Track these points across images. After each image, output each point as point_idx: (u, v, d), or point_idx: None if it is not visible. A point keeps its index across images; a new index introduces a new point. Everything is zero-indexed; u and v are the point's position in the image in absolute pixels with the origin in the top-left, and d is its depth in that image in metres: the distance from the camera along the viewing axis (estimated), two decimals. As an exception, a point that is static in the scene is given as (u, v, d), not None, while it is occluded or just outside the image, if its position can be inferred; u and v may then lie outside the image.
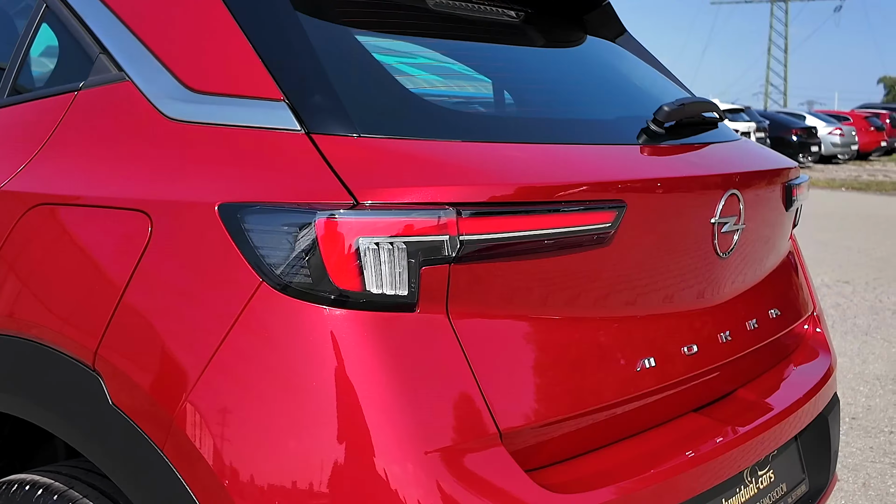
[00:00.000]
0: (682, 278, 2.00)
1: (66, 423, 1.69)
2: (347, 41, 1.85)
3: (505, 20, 2.34)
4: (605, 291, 1.82)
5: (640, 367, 1.86)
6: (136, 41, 1.85)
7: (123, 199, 1.69)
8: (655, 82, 2.64)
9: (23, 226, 1.80)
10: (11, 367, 1.81)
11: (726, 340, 2.12)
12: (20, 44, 2.05)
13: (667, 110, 2.09)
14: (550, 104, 2.20)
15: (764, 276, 2.39)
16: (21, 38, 2.06)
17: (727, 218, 2.08)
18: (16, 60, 2.04)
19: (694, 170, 2.04)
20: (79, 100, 1.88)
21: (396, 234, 1.53)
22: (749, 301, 2.28)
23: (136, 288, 1.63)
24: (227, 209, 1.57)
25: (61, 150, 1.85)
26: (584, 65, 2.48)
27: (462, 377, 1.58)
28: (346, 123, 1.64)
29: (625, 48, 2.72)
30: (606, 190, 1.77)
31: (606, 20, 2.69)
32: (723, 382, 2.19)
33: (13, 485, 1.82)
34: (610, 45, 2.65)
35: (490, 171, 1.67)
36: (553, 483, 1.66)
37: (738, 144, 2.48)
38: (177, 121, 1.73)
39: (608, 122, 2.19)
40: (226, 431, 1.52)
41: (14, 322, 1.77)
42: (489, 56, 2.33)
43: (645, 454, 1.86)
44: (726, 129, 2.56)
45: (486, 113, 2.12)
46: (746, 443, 2.02)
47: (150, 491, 1.59)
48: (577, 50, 2.50)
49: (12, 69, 2.04)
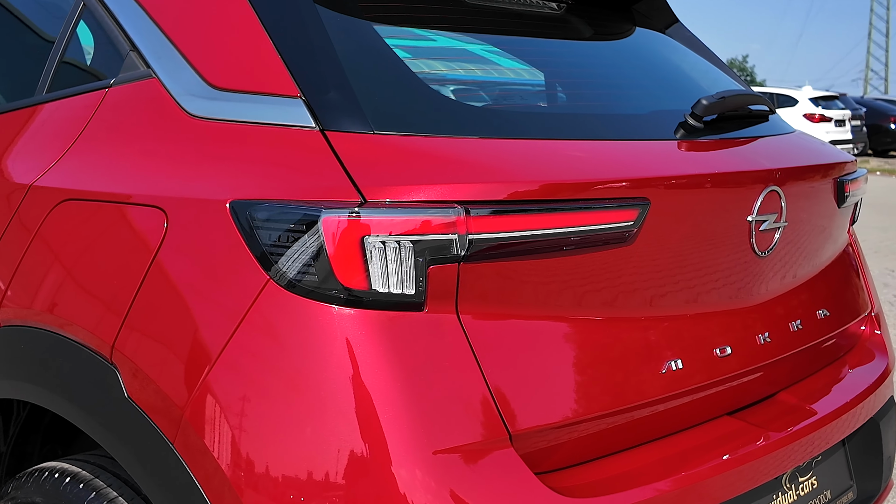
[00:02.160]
0: (713, 278, 1.94)
1: (84, 415, 1.72)
2: (368, 35, 1.84)
3: (544, 12, 2.30)
4: (626, 291, 1.78)
5: (665, 368, 1.81)
6: (164, 37, 1.87)
7: (142, 196, 1.72)
8: (705, 74, 2.57)
9: (50, 221, 1.84)
10: (37, 358, 1.85)
11: (765, 342, 2.06)
12: (58, 41, 2.09)
13: (705, 104, 2.03)
14: (582, 99, 2.16)
15: (812, 274, 2.31)
16: (59, 35, 2.10)
17: (766, 215, 2.01)
18: (54, 58, 2.09)
19: (728, 166, 1.98)
20: (109, 97, 1.91)
21: (403, 233, 1.52)
22: (793, 301, 2.20)
23: (151, 283, 1.65)
24: (238, 206, 1.58)
25: (90, 147, 1.88)
26: (624, 57, 2.43)
27: (471, 378, 1.56)
28: (361, 120, 1.63)
29: (675, 39, 2.65)
30: (628, 187, 1.73)
31: (655, 9, 2.62)
32: (762, 385, 2.13)
33: (44, 472, 1.87)
34: (657, 35, 2.59)
35: (502, 168, 1.64)
36: (566, 486, 1.63)
37: (789, 138, 2.39)
38: (198, 117, 1.75)
39: (642, 116, 2.13)
40: (233, 428, 1.53)
41: (40, 315, 1.81)
42: (519, 49, 2.29)
43: (669, 458, 1.82)
44: (779, 122, 2.48)
45: (508, 109, 2.08)
46: (782, 448, 1.96)
47: (162, 484, 1.61)
48: (617, 43, 2.45)
49: (51, 66, 2.09)
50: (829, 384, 2.33)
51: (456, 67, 2.08)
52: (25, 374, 1.87)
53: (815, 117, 22.69)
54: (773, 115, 2.44)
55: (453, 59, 2.10)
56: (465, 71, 2.11)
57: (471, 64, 2.15)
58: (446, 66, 2.05)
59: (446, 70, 2.03)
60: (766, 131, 2.32)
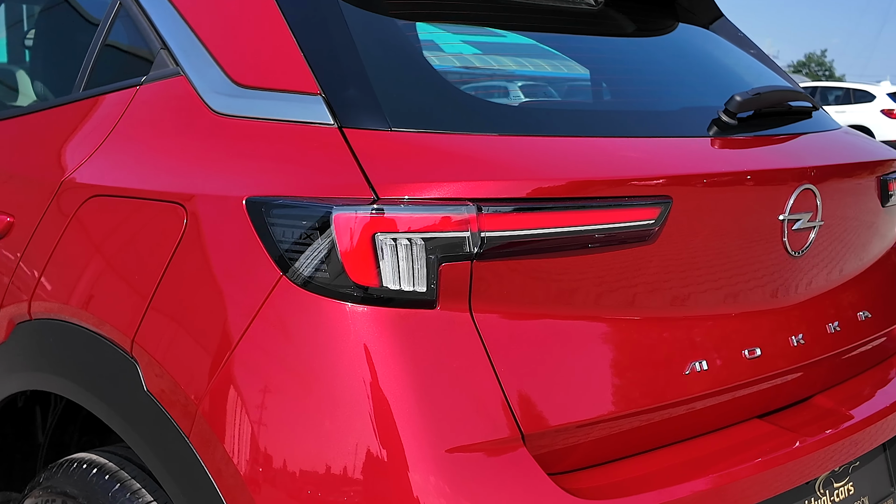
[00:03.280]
0: (742, 278, 1.90)
1: (106, 407, 1.75)
2: (390, 32, 1.83)
3: (576, 7, 2.27)
4: (648, 290, 1.75)
5: (688, 370, 1.78)
6: (193, 35, 1.89)
7: (163, 192, 1.74)
8: (748, 70, 2.52)
9: (79, 216, 1.88)
10: (64, 351, 1.89)
11: (798, 344, 2.01)
12: (95, 39, 2.13)
13: (738, 100, 1.99)
14: (611, 96, 2.13)
15: (854, 275, 2.25)
16: (96, 34, 2.14)
17: (800, 214, 1.96)
18: (91, 56, 2.12)
19: (758, 163, 1.93)
20: (139, 94, 1.94)
21: (414, 230, 1.52)
22: (832, 302, 2.15)
23: (169, 279, 1.67)
24: (254, 203, 1.59)
25: (119, 144, 1.91)
26: (659, 53, 2.39)
27: (484, 376, 1.55)
28: (379, 117, 1.63)
29: (719, 34, 2.60)
30: (649, 185, 1.70)
31: (698, 4, 2.57)
32: (796, 388, 2.08)
33: (73, 463, 1.90)
34: (698, 30, 2.54)
35: (516, 165, 1.63)
36: (582, 487, 1.62)
37: (832, 135, 2.33)
38: (222, 115, 1.76)
39: (673, 113, 2.09)
40: (245, 423, 1.54)
41: (68, 309, 1.85)
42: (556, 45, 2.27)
43: (692, 461, 1.78)
44: (823, 118, 2.41)
45: (531, 106, 2.06)
46: (812, 452, 1.91)
47: (177, 476, 1.63)
48: (653, 39, 2.41)
49: (88, 64, 2.12)
50: (870, 388, 2.27)
51: (478, 63, 2.07)
52: (53, 367, 1.91)
53: (893, 112, 22.14)
54: (817, 112, 2.38)
55: (476, 55, 2.09)
56: (487, 67, 2.10)
57: (494, 60, 2.14)
58: (468, 62, 2.04)
59: (467, 66, 2.02)
60: (809, 128, 2.27)
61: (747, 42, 2.65)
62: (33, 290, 1.93)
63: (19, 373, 1.97)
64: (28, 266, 1.96)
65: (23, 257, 1.97)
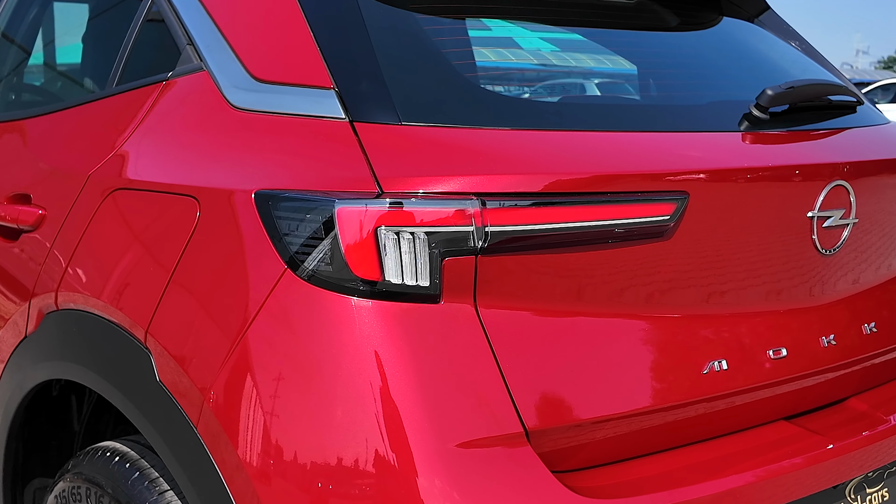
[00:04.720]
0: (765, 277, 1.85)
1: (122, 396, 1.78)
2: (407, 26, 1.83)
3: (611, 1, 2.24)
4: (663, 287, 1.72)
5: (707, 369, 1.74)
6: (217, 31, 1.91)
7: (180, 186, 1.76)
8: (794, 64, 2.45)
9: (103, 209, 1.92)
10: (84, 341, 1.93)
11: (829, 345, 1.95)
12: (128, 36, 2.17)
13: (770, 94, 1.93)
14: (637, 90, 2.09)
15: (893, 274, 2.18)
16: (129, 31, 2.17)
17: (831, 211, 1.90)
18: (124, 52, 2.16)
19: (786, 159, 1.88)
20: (164, 89, 1.97)
21: (416, 224, 1.51)
22: (867, 302, 2.08)
23: (182, 271, 1.69)
24: (262, 196, 1.60)
25: (144, 138, 1.94)
26: (694, 48, 2.34)
27: (488, 371, 1.54)
28: (390, 111, 1.63)
29: (764, 27, 2.53)
30: (663, 180, 1.67)
31: None
32: (827, 389, 2.02)
33: (98, 451, 1.94)
34: (741, 23, 2.48)
35: (523, 160, 1.61)
36: (588, 486, 1.59)
37: (875, 130, 2.26)
38: (240, 109, 1.78)
39: (700, 108, 2.05)
40: (248, 414, 1.55)
41: (89, 299, 1.89)
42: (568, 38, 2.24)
43: (708, 462, 1.74)
44: (870, 113, 2.34)
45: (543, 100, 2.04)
46: (839, 456, 1.85)
47: (186, 466, 1.65)
48: (691, 33, 2.36)
49: (121, 60, 2.16)
50: (910, 391, 2.19)
51: (492, 56, 2.05)
52: (76, 356, 1.96)
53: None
54: (862, 106, 2.31)
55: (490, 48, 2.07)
56: (502, 60, 2.08)
57: (510, 53, 2.11)
58: (482, 55, 2.02)
59: (481, 60, 2.01)
60: (851, 123, 2.20)
61: (794, 34, 2.58)
62: (59, 282, 1.97)
63: (47, 362, 2.02)
64: (56, 258, 2.00)
65: (52, 249, 2.02)
